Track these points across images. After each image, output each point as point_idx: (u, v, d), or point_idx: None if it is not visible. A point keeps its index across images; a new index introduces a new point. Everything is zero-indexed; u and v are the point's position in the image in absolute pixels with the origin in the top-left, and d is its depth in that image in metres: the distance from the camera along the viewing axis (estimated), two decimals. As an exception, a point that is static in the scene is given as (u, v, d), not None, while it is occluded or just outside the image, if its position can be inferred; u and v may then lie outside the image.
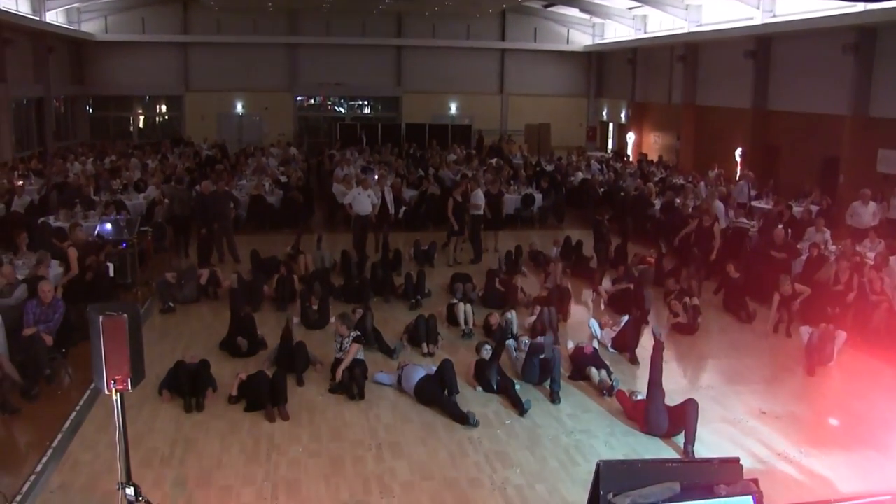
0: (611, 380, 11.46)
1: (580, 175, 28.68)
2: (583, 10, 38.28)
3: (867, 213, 19.05)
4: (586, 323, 14.18)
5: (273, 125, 40.53)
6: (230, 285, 15.10)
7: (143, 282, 16.48)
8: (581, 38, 42.67)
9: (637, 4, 34.11)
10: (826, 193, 22.54)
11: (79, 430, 9.85)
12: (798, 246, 16.81)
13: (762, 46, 28.31)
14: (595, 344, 13.00)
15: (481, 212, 19.56)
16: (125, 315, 6.34)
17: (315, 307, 14.21)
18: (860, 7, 20.16)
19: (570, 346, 12.80)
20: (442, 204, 21.50)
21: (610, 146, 42.64)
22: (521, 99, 43.27)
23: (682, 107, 34.13)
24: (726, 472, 5.54)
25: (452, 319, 14.30)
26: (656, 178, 27.17)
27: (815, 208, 20.64)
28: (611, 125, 43.77)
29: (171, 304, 15.00)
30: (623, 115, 41.37)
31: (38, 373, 11.04)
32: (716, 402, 11.33)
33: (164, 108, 42.84)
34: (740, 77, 29.48)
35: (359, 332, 11.99)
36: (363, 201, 18.90)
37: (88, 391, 10.84)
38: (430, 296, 16.13)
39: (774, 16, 26.22)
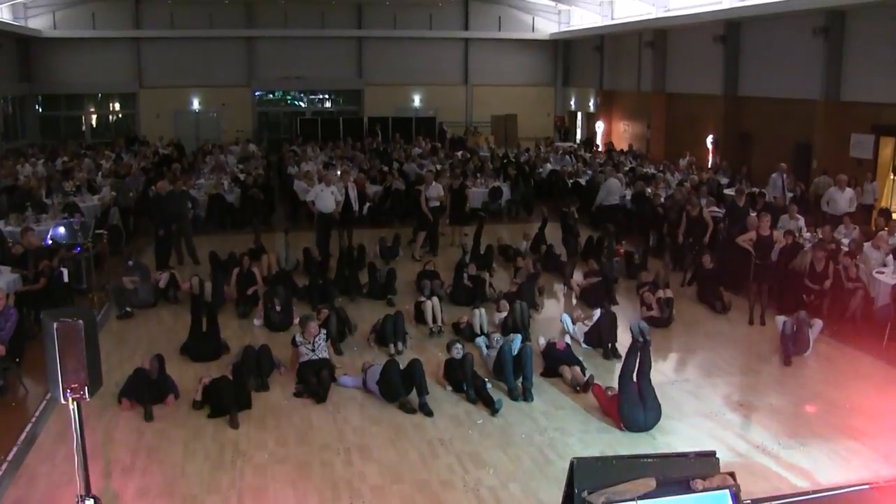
0: (584, 375, 11.50)
1: (549, 166, 28.75)
2: (548, -4, 38.44)
3: (843, 199, 19.20)
4: (558, 318, 14.17)
5: (231, 122, 40.33)
6: (190, 289, 14.96)
7: (100, 286, 16.35)
8: (546, 26, 42.72)
9: (603, -10, 34.29)
10: (800, 179, 22.70)
11: (35, 441, 9.74)
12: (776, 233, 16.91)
13: (732, 31, 28.50)
14: (567, 339, 13.04)
15: (438, 203, 19.62)
16: (80, 321, 6.26)
17: (278, 308, 14.18)
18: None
19: (542, 342, 12.82)
20: (408, 199, 21.50)
21: (578, 136, 42.67)
22: (486, 89, 43.26)
23: (651, 94, 34.24)
24: (703, 466, 5.58)
25: (420, 317, 14.30)
26: (626, 168, 27.28)
27: (789, 195, 20.77)
28: (579, 114, 43.84)
29: (128, 308, 14.89)
30: (591, 103, 41.47)
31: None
32: (692, 395, 11.41)
33: (117, 106, 42.53)
34: (710, 63, 29.66)
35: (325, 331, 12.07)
36: (326, 198, 18.79)
37: (45, 401, 10.72)
38: (396, 293, 16.13)
39: (742, -1, 26.38)
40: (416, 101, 43.23)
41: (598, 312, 13.52)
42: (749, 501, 7.54)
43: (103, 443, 9.64)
